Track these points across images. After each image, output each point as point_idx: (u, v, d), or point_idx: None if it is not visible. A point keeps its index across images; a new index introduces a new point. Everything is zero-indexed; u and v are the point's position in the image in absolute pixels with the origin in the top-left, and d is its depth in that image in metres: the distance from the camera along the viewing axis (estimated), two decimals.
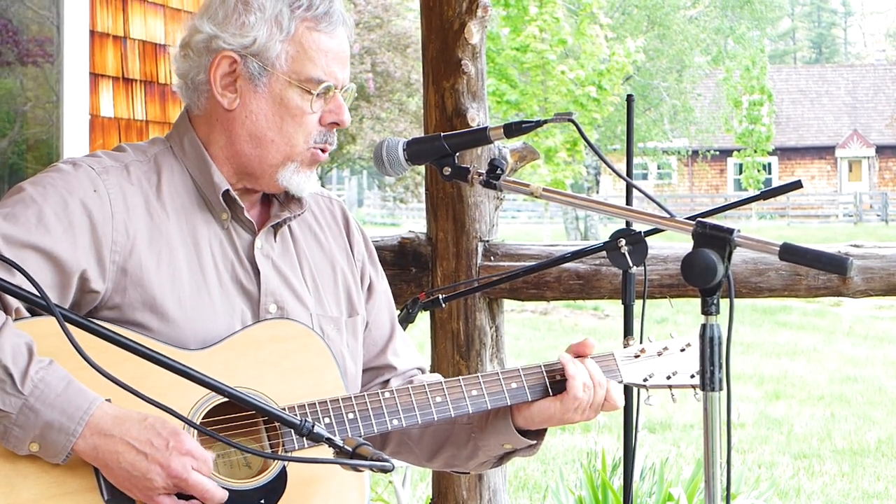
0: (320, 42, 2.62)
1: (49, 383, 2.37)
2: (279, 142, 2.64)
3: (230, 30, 2.61)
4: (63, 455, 2.39)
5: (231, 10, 2.62)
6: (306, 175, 2.68)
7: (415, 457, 2.96)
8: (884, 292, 5.02)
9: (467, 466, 2.93)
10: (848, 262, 2.23)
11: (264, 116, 2.63)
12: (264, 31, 2.60)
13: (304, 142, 2.65)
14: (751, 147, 43.03)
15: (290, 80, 2.61)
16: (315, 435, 2.30)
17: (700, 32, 38.33)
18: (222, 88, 2.64)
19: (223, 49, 2.62)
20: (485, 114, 5.13)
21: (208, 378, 2.27)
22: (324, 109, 2.65)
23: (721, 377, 2.27)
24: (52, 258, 2.48)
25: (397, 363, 2.93)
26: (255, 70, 2.61)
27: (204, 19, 2.65)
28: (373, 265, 2.95)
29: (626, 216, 2.65)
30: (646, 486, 6.34)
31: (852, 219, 47.09)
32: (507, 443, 2.82)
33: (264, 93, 2.62)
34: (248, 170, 2.67)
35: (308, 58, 2.61)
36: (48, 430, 2.36)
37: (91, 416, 2.38)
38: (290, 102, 2.62)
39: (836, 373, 14.53)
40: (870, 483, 9.23)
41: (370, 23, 30.62)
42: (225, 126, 2.66)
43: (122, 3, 5.56)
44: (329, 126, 2.67)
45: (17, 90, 5.54)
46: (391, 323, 2.97)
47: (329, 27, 2.63)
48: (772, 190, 3.55)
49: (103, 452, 2.39)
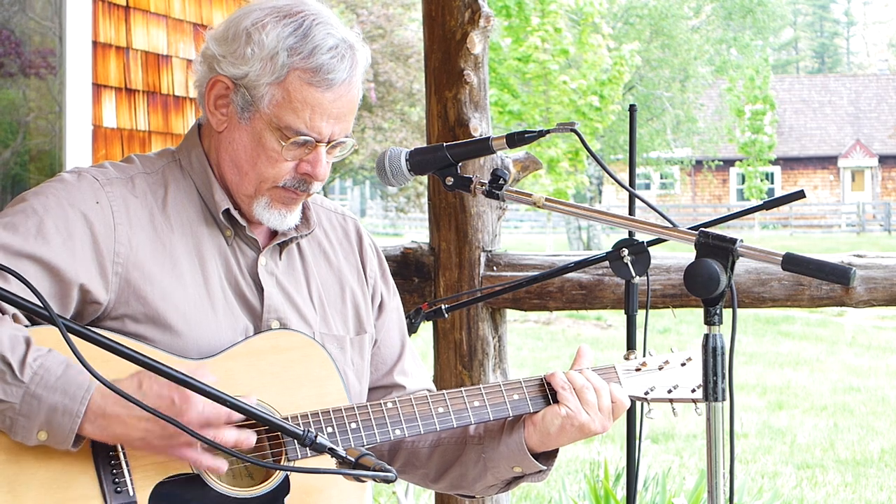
0: (308, 95, 2.56)
1: (48, 368, 2.37)
2: (251, 175, 2.62)
3: (229, 57, 2.60)
4: (71, 438, 2.37)
5: (236, 36, 2.60)
6: (279, 213, 2.65)
7: (421, 476, 2.94)
8: (887, 302, 5.02)
9: (474, 489, 2.90)
10: (851, 271, 2.23)
11: (243, 148, 2.62)
12: (257, 68, 2.57)
13: (274, 181, 2.62)
14: (753, 157, 43.08)
15: (270, 123, 2.58)
16: (318, 445, 2.30)
17: (703, 42, 38.39)
18: (214, 108, 2.64)
19: (219, 73, 2.62)
20: (487, 124, 5.13)
21: (210, 388, 2.27)
22: (301, 159, 2.62)
23: (724, 387, 2.28)
24: (49, 269, 2.48)
25: (406, 383, 2.92)
26: (243, 102, 2.60)
27: (215, 36, 2.64)
28: (385, 283, 2.94)
29: (629, 226, 2.65)
30: (649, 497, 6.33)
31: (855, 229, 47.07)
32: (518, 465, 2.80)
33: (247, 126, 2.61)
34: (231, 192, 2.67)
35: (291, 108, 2.57)
36: (53, 414, 2.36)
37: (91, 395, 2.37)
38: (265, 143, 2.60)
39: (838, 383, 14.52)
40: (873, 493, 9.22)
41: (372, 33, 30.64)
42: (217, 146, 2.68)
43: (125, 13, 5.56)
44: (302, 175, 2.63)
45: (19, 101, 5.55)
46: (401, 342, 2.95)
47: (324, 83, 2.56)
48: (775, 200, 3.54)
49: (113, 430, 2.39)
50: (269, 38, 2.56)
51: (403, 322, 2.99)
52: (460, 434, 2.85)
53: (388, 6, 31.15)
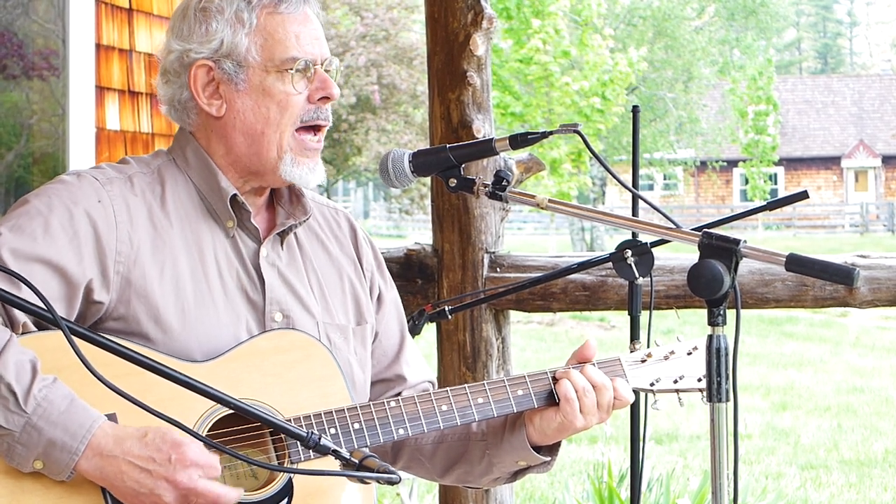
0: (285, 24, 2.64)
1: (52, 401, 2.37)
2: (268, 132, 2.64)
3: (196, 39, 2.64)
4: (66, 472, 2.38)
5: (193, 21, 2.66)
6: (308, 166, 2.67)
7: (427, 472, 2.95)
8: (890, 302, 5.01)
9: (480, 483, 2.92)
10: (854, 272, 2.23)
11: (252, 110, 2.64)
12: (228, 31, 2.63)
13: (293, 123, 2.65)
14: (757, 157, 43.02)
15: (266, 69, 2.63)
16: (321, 447, 2.30)
17: (706, 43, 38.35)
18: (207, 98, 2.66)
19: (196, 60, 2.64)
20: (490, 125, 5.13)
21: (214, 390, 2.26)
22: (309, 88, 2.66)
23: (728, 388, 2.27)
24: (58, 270, 2.49)
25: (408, 374, 2.92)
26: (230, 70, 2.63)
27: (171, 39, 2.68)
28: (382, 275, 2.95)
29: (632, 227, 2.64)
30: (652, 498, 6.33)
31: (858, 229, 47.04)
32: (522, 459, 2.81)
33: (245, 88, 2.64)
34: (252, 169, 2.68)
35: (276, 41, 2.63)
36: (51, 448, 2.36)
37: (93, 435, 2.37)
38: (271, 89, 2.63)
39: (842, 383, 14.51)
40: (877, 493, 9.21)
41: (377, 36, 30.65)
42: (220, 133, 2.68)
43: (128, 16, 5.57)
44: (319, 102, 2.67)
45: (23, 103, 5.55)
46: (401, 333, 2.96)
47: (289, 8, 2.64)
48: (778, 200, 3.54)
49: (107, 473, 2.38)
50: (223, 2, 2.64)
51: (402, 314, 3.00)
52: (463, 430, 2.85)
53: (392, 9, 31.16)
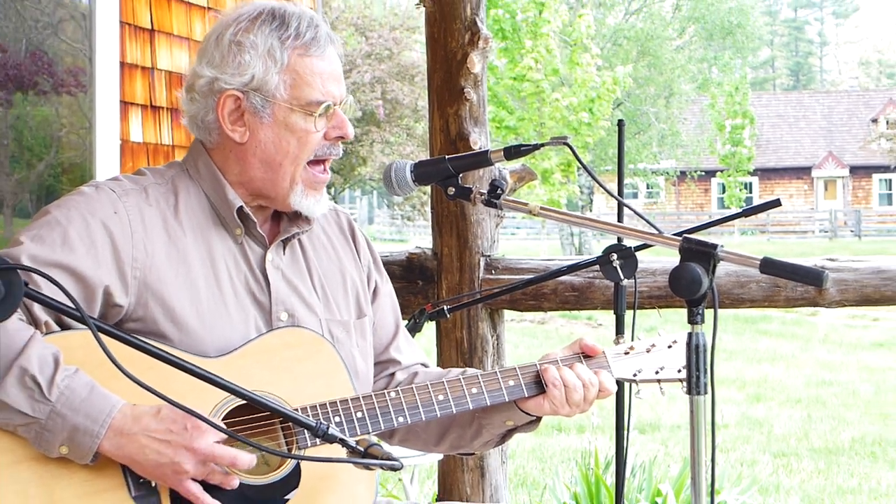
0: (313, 66, 2.63)
1: (74, 390, 2.38)
2: (286, 164, 2.65)
3: (229, 70, 2.63)
4: (90, 455, 2.38)
5: (226, 51, 2.63)
6: (315, 199, 2.69)
7: (422, 442, 2.97)
8: (857, 303, 5.01)
9: (472, 446, 2.94)
10: (824, 274, 2.23)
11: (272, 143, 2.64)
12: (260, 67, 2.61)
13: (308, 157, 2.66)
14: (733, 168, 43.04)
15: (291, 107, 2.63)
16: (329, 436, 2.30)
17: (686, 62, 38.39)
18: (231, 125, 2.65)
19: (225, 89, 2.63)
20: (486, 138, 5.13)
21: (228, 382, 2.26)
22: (328, 126, 2.67)
23: (706, 382, 2.27)
24: (76, 275, 2.49)
25: (401, 358, 2.96)
26: (258, 104, 2.63)
27: (203, 64, 2.66)
28: (377, 269, 2.98)
29: (618, 232, 2.65)
30: (636, 483, 6.32)
31: (828, 234, 47.03)
32: (510, 419, 2.83)
33: (270, 122, 2.63)
34: (263, 193, 2.69)
35: (305, 83, 2.62)
36: (75, 433, 2.37)
37: (113, 418, 2.38)
38: (294, 126, 2.63)
39: (812, 377, 14.50)
40: (844, 479, 9.20)
41: (381, 54, 30.67)
42: (238, 157, 2.68)
43: (150, 36, 5.56)
44: (334, 140, 2.69)
45: (52, 117, 5.54)
46: (395, 323, 2.99)
47: (318, 50, 2.64)
48: (753, 208, 3.54)
49: (129, 450, 2.39)
50: (257, 38, 2.62)
51: (397, 305, 3.02)
52: None
53: (395, 30, 31.19)
